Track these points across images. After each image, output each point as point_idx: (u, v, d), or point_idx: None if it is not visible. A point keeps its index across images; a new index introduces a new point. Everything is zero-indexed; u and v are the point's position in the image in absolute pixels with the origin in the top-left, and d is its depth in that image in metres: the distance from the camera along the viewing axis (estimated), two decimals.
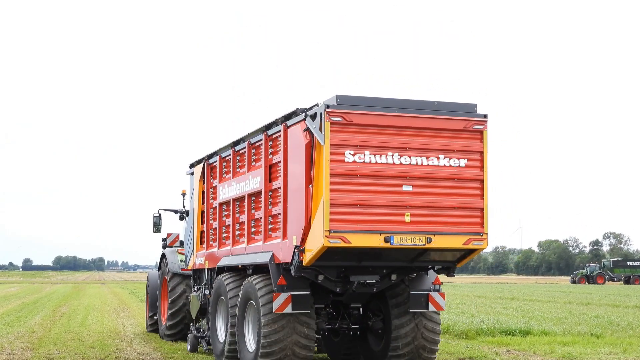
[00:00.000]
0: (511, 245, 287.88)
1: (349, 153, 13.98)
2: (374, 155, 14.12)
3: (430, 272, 15.87)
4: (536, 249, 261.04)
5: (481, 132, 14.66)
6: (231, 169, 17.91)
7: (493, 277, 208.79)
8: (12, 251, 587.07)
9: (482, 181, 14.64)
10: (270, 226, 15.72)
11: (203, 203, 19.99)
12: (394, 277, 15.42)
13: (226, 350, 17.00)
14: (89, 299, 50.47)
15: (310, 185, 14.21)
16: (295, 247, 14.44)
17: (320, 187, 13.91)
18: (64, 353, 19.11)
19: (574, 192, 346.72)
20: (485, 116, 14.72)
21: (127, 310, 37.95)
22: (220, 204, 18.54)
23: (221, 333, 17.78)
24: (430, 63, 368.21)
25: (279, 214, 15.27)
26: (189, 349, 19.99)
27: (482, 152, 14.66)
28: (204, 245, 19.81)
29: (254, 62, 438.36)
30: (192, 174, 21.23)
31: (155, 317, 24.95)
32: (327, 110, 13.90)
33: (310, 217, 14.13)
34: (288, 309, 14.80)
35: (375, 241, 13.96)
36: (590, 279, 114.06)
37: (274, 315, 14.94)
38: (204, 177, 19.92)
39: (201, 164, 20.14)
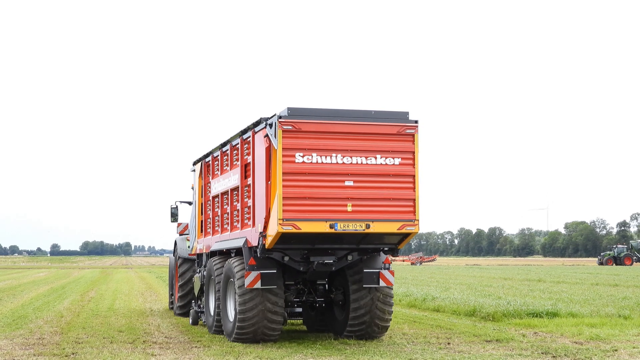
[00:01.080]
0: (537, 227, 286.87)
1: (299, 155, 16.76)
2: (320, 156, 16.89)
3: (382, 254, 18.51)
4: (563, 231, 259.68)
5: (412, 136, 17.36)
6: (219, 167, 20.93)
7: (519, 259, 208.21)
8: (40, 237, 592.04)
9: (413, 176, 17.32)
10: (246, 216, 18.41)
11: (202, 196, 22.99)
12: (350, 257, 18.08)
13: (214, 322, 20.03)
14: (117, 284, 50.87)
15: (269, 182, 16.99)
16: (260, 233, 17.31)
17: (275, 184, 16.68)
18: (93, 337, 19.22)
19: (602, 174, 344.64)
20: (416, 122, 17.41)
21: (154, 294, 38.16)
22: (213, 197, 21.59)
23: (212, 308, 20.71)
24: (382, 75, 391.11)
25: (251, 206, 18.04)
26: (190, 322, 22.88)
27: (413, 152, 17.34)
28: (203, 233, 22.81)
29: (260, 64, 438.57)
30: (194, 170, 24.23)
31: (172, 297, 27.56)
32: (280, 120, 16.69)
33: (269, 208, 16.93)
34: (257, 285, 17.67)
35: (321, 227, 16.68)
36: (617, 261, 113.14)
37: (246, 290, 17.79)
38: (202, 174, 22.94)
39: (200, 162, 23.16)
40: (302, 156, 16.81)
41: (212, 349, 17.06)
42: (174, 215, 28.15)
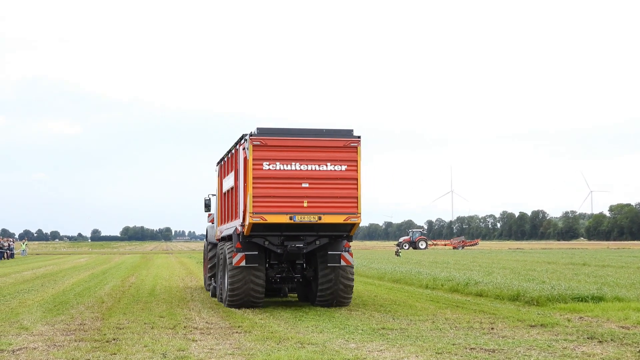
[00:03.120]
0: (582, 210, 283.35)
1: (266, 164, 21.53)
2: (283, 164, 21.58)
3: (344, 240, 22.91)
4: (607, 214, 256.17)
5: (356, 148, 21.97)
6: (226, 170, 25.60)
7: (563, 242, 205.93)
8: (81, 222, 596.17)
9: (357, 179, 21.94)
10: (240, 209, 22.37)
11: (220, 192, 27.58)
12: (317, 242, 22.74)
13: (220, 293, 24.94)
14: (157, 269, 51.08)
15: (246, 184, 21.71)
16: (241, 223, 22.12)
17: (249, 186, 21.48)
18: (134, 323, 19.24)
19: None
20: (358, 137, 22.00)
21: (195, 279, 38.23)
22: (224, 194, 26.34)
23: (219, 282, 25.27)
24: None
25: (238, 202, 22.69)
26: (210, 294, 27.45)
27: (357, 161, 21.96)
28: (220, 222, 27.63)
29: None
30: (216, 171, 28.58)
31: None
32: (251, 137, 21.54)
33: (246, 204, 21.65)
34: (243, 263, 22.53)
35: (283, 219, 21.56)
36: None
37: (234, 267, 22.65)
38: (219, 174, 27.66)
39: (219, 164, 27.65)
40: (269, 164, 21.53)
41: (253, 334, 16.98)
42: (207, 206, 31.86)
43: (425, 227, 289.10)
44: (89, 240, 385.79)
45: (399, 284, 33.92)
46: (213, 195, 31.53)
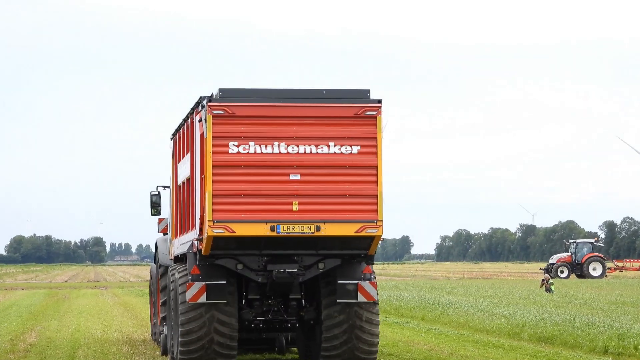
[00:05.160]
0: None
1: (233, 144, 14.81)
2: (260, 145, 14.89)
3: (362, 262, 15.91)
4: None
5: (375, 118, 15.09)
6: (181, 150, 18.07)
7: None
8: None
9: (376, 167, 15.12)
10: (197, 215, 15.69)
11: (174, 183, 20.05)
12: (321, 266, 15.71)
13: (172, 348, 17.23)
14: (78, 317, 32.04)
15: (202, 176, 15.08)
16: (198, 236, 15.29)
17: (207, 178, 14.81)
18: None
19: None
20: (379, 102, 15.17)
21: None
22: (179, 187, 18.90)
23: (172, 329, 17.54)
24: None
25: (194, 203, 16.00)
26: (160, 350, 19.38)
27: (376, 139, 15.09)
28: (175, 232, 19.74)
29: None
30: (170, 147, 20.59)
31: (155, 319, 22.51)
32: (209, 103, 14.71)
33: (204, 207, 14.93)
34: (202, 299, 15.42)
35: (260, 230, 14.84)
36: None
37: (188, 305, 15.54)
38: (174, 152, 20.04)
39: (174, 137, 20.24)
40: (237, 146, 14.95)
41: None
42: (155, 206, 21.97)
43: (601, 236, 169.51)
44: None
45: (551, 346, 20.92)
46: (166, 187, 21.45)
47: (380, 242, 15.61)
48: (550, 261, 72.81)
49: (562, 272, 69.66)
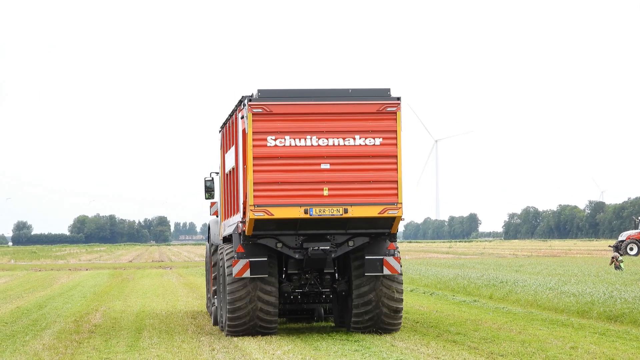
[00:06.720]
0: None
1: (271, 138, 17.24)
2: (294, 139, 17.30)
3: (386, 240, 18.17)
4: None
5: (395, 114, 17.51)
6: (228, 141, 20.30)
7: None
8: None
9: (396, 157, 17.55)
10: (240, 200, 18.13)
11: (223, 171, 22.17)
12: (351, 243, 18.14)
13: (221, 317, 19.69)
14: (143, 298, 32.16)
15: (245, 166, 17.51)
16: (242, 219, 17.76)
17: (248, 168, 17.28)
18: None
19: None
20: (398, 99, 17.52)
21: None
22: (226, 175, 20.94)
23: (221, 302, 19.98)
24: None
25: (239, 189, 18.31)
26: (212, 320, 21.20)
27: (396, 131, 17.50)
28: (225, 216, 21.61)
29: None
30: (219, 139, 22.69)
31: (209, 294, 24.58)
32: (250, 102, 17.14)
33: (247, 193, 17.40)
34: (247, 274, 17.76)
35: (295, 213, 17.31)
36: None
37: (234, 279, 17.89)
38: (222, 143, 22.13)
39: (222, 129, 22.25)
40: (274, 139, 17.30)
41: None
42: (209, 190, 23.83)
43: None
44: (10, 244, 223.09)
45: (620, 324, 20.96)
46: (216, 173, 23.63)
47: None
48: (620, 238, 71.52)
49: (631, 249, 68.75)
